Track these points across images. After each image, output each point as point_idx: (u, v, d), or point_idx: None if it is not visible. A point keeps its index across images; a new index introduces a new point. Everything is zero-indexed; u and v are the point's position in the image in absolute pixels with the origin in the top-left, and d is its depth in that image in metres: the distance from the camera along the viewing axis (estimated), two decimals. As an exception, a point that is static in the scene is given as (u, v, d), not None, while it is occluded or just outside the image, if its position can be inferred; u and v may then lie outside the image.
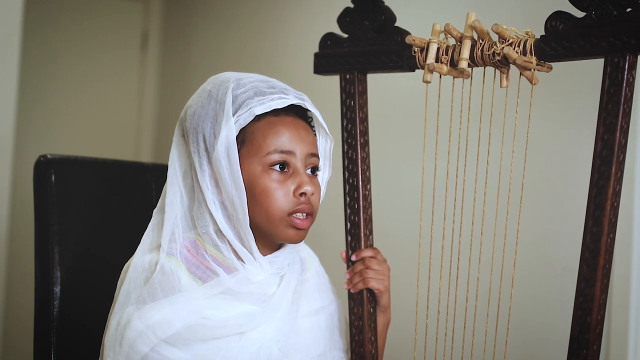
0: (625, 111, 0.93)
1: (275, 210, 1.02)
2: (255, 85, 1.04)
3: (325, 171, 1.12)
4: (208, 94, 1.05)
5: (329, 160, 1.13)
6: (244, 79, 1.05)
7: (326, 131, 1.11)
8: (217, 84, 1.06)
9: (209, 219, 1.04)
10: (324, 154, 1.12)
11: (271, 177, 1.03)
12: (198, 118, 1.04)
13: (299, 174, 1.04)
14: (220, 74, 1.09)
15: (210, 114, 1.03)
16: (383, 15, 1.14)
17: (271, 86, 1.05)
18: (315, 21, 2.46)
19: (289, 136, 1.04)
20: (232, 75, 1.07)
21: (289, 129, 1.04)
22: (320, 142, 1.12)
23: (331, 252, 1.37)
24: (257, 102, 1.02)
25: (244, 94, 1.03)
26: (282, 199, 1.02)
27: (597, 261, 0.95)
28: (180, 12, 3.37)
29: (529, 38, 1.00)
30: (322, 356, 1.12)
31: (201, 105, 1.04)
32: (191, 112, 1.06)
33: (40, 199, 1.23)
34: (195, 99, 1.07)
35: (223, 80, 1.06)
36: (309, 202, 1.04)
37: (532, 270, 1.77)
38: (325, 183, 1.12)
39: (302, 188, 1.03)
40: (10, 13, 2.28)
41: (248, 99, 1.02)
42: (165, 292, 0.99)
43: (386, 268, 1.16)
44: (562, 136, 1.76)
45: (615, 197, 0.94)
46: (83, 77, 3.28)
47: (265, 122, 1.03)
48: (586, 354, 0.96)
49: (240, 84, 1.04)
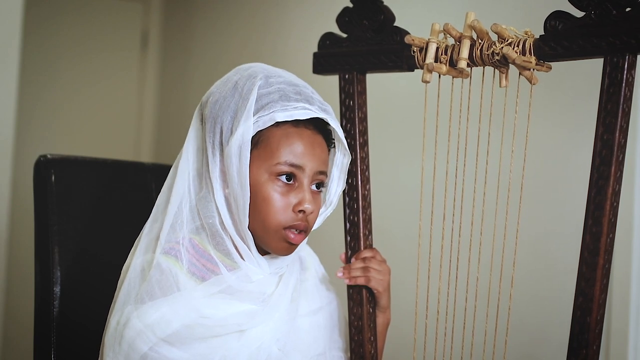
0: (624, 111, 0.93)
1: (272, 221, 1.02)
2: (282, 87, 1.03)
3: (339, 184, 1.12)
4: (234, 85, 1.03)
5: (344, 174, 1.12)
6: (272, 78, 1.03)
7: (345, 147, 1.09)
8: (244, 76, 1.04)
9: (215, 210, 1.03)
10: (340, 167, 1.11)
11: (276, 186, 1.02)
12: (219, 109, 1.03)
13: (302, 189, 1.03)
14: (250, 66, 1.07)
15: (232, 107, 1.02)
16: (382, 15, 1.14)
17: (297, 92, 1.03)
18: (315, 21, 2.46)
19: (302, 150, 1.03)
20: (261, 71, 1.04)
21: (304, 143, 1.03)
22: (338, 156, 1.11)
23: (330, 252, 1.36)
24: (281, 107, 1.01)
25: (269, 96, 1.01)
26: (281, 211, 1.02)
27: (597, 261, 0.95)
28: (180, 12, 3.37)
29: (528, 38, 1.00)
30: (321, 356, 1.12)
31: (224, 96, 1.03)
32: (213, 100, 1.04)
33: (40, 199, 1.23)
34: (219, 87, 1.05)
35: (251, 74, 1.04)
36: (305, 220, 1.04)
37: (532, 270, 1.77)
38: (338, 196, 1.12)
39: (302, 205, 1.02)
40: (10, 13, 2.28)
41: (272, 102, 1.01)
42: (163, 291, 0.99)
43: (386, 269, 1.16)
44: (562, 136, 1.76)
45: (614, 196, 0.94)
46: (83, 77, 3.28)
47: (283, 131, 1.02)
48: (586, 354, 0.96)
49: (268, 82, 1.02)
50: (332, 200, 1.12)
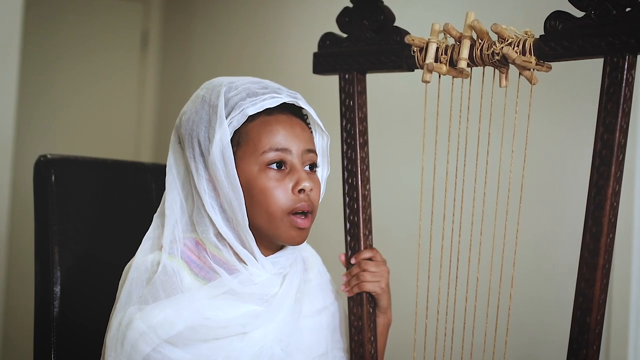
0: (624, 111, 0.93)
1: (275, 208, 1.02)
2: (247, 87, 1.04)
3: (324, 168, 1.12)
4: (202, 99, 1.05)
5: (327, 157, 1.12)
6: (236, 82, 1.06)
7: (322, 128, 1.10)
8: (210, 88, 1.06)
9: (209, 223, 1.04)
10: (322, 151, 1.12)
11: (268, 176, 1.02)
12: (192, 123, 1.04)
13: (296, 170, 1.04)
14: (213, 79, 1.09)
15: (204, 118, 1.03)
16: (382, 15, 1.14)
17: (264, 87, 1.05)
18: (315, 21, 2.46)
19: (283, 134, 1.04)
20: (225, 80, 1.07)
21: (283, 126, 1.04)
22: (317, 139, 1.11)
23: (331, 252, 1.36)
24: (250, 102, 1.02)
25: (236, 96, 1.03)
26: (281, 197, 1.02)
27: (597, 261, 0.95)
28: (180, 12, 3.37)
29: (528, 38, 1.00)
30: (324, 356, 1.12)
31: (195, 111, 1.05)
32: (186, 118, 1.06)
33: (40, 199, 1.23)
34: (189, 106, 1.07)
35: (215, 84, 1.06)
36: (308, 199, 1.04)
37: (532, 270, 1.77)
38: (325, 181, 1.12)
39: (301, 184, 1.03)
40: (10, 13, 2.28)
41: (240, 100, 1.03)
42: (167, 292, 0.99)
43: (385, 269, 1.15)
44: (562, 136, 1.76)
45: (614, 197, 0.94)
46: (83, 77, 3.28)
47: (259, 122, 1.03)
48: (586, 354, 0.96)
49: (232, 87, 1.04)
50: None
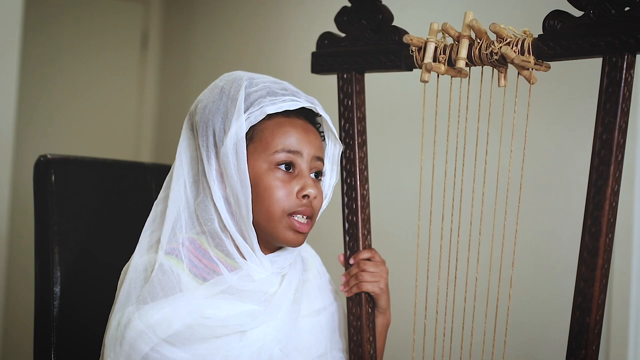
0: (623, 110, 0.93)
1: (275, 208, 1.03)
2: (267, 85, 1.06)
3: (332, 177, 1.13)
4: (220, 90, 1.06)
5: (337, 166, 1.13)
6: (256, 79, 1.07)
7: (335, 136, 1.11)
8: (229, 80, 1.07)
9: (214, 213, 1.04)
10: (332, 159, 1.13)
11: (276, 175, 1.03)
12: (209, 112, 1.05)
13: (303, 176, 1.05)
14: (233, 72, 1.10)
15: (222, 109, 1.04)
16: (380, 15, 1.14)
17: (283, 88, 1.07)
18: (314, 21, 2.46)
19: (297, 137, 1.05)
20: (245, 74, 1.08)
21: (297, 130, 1.05)
22: (329, 147, 1.13)
23: (330, 252, 1.36)
24: (269, 101, 1.03)
25: (257, 93, 1.04)
26: (284, 198, 1.03)
27: (596, 261, 0.95)
28: (180, 12, 3.37)
29: (526, 37, 1.00)
30: (323, 356, 1.12)
31: (212, 101, 1.05)
32: (202, 107, 1.06)
33: (40, 199, 1.23)
34: (206, 94, 1.08)
35: (236, 77, 1.07)
36: (310, 205, 1.05)
37: (531, 270, 1.77)
38: (332, 188, 1.13)
39: (306, 190, 1.04)
40: (10, 13, 2.28)
41: (260, 97, 1.04)
42: (165, 291, 0.99)
43: (383, 270, 1.15)
44: (561, 136, 1.76)
45: (613, 196, 0.94)
46: (83, 77, 3.28)
47: (275, 122, 1.04)
48: (585, 354, 0.96)
49: (253, 82, 1.05)
50: (326, 193, 1.12)
